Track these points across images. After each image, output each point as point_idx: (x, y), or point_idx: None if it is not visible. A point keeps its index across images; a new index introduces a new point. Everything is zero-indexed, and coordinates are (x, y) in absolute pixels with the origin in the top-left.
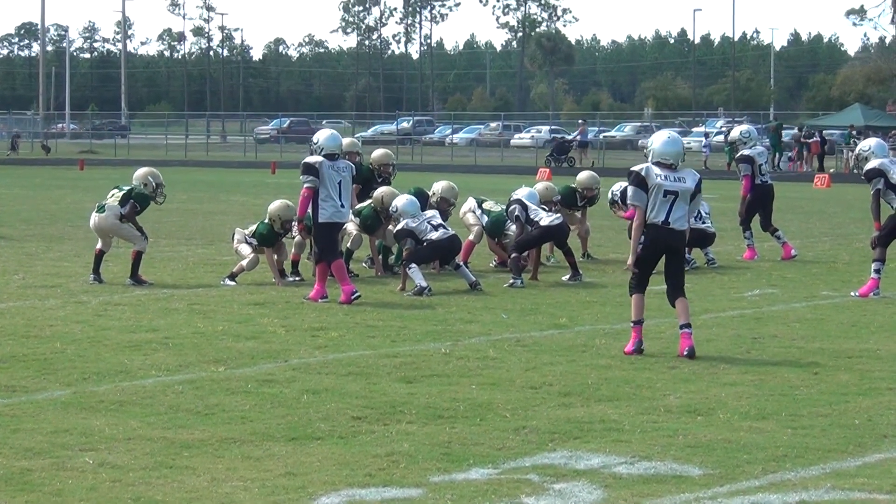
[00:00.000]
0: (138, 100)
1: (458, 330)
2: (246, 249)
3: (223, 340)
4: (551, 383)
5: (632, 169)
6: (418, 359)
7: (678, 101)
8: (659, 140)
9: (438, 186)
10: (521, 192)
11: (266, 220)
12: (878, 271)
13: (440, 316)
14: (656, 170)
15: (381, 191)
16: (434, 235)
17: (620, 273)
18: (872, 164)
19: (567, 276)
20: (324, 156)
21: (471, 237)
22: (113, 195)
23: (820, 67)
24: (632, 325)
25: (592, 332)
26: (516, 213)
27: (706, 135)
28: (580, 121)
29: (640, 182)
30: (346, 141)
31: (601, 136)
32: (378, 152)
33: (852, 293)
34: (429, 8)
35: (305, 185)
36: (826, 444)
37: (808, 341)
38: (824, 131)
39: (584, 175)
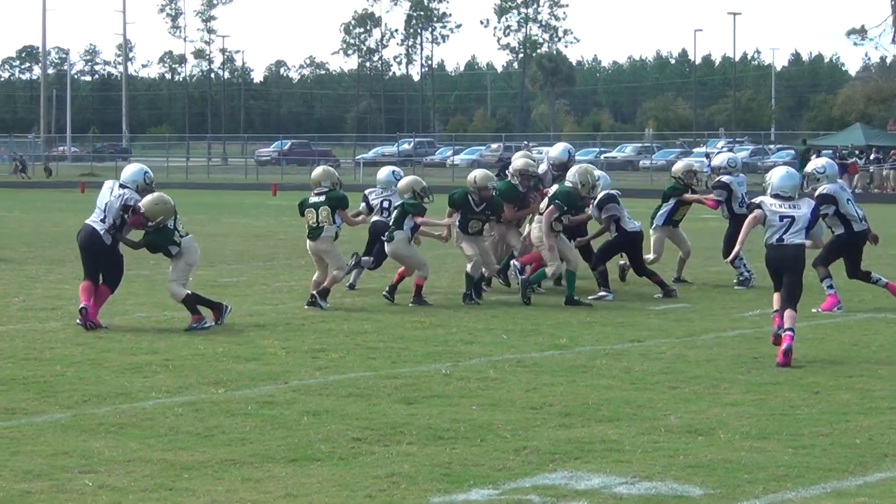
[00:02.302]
0: (139, 122)
1: (458, 351)
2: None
3: (223, 362)
4: (552, 404)
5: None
6: (419, 380)
7: (679, 121)
8: (777, 175)
9: (472, 176)
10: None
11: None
12: (830, 286)
13: (440, 337)
14: (772, 200)
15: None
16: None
17: (621, 294)
18: (826, 189)
19: (659, 294)
20: None
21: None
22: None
23: (821, 87)
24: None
25: (593, 352)
26: (612, 212)
27: (707, 155)
28: (525, 143)
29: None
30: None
31: (602, 156)
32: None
33: (814, 310)
34: (430, 29)
35: None
36: (827, 463)
37: (809, 361)
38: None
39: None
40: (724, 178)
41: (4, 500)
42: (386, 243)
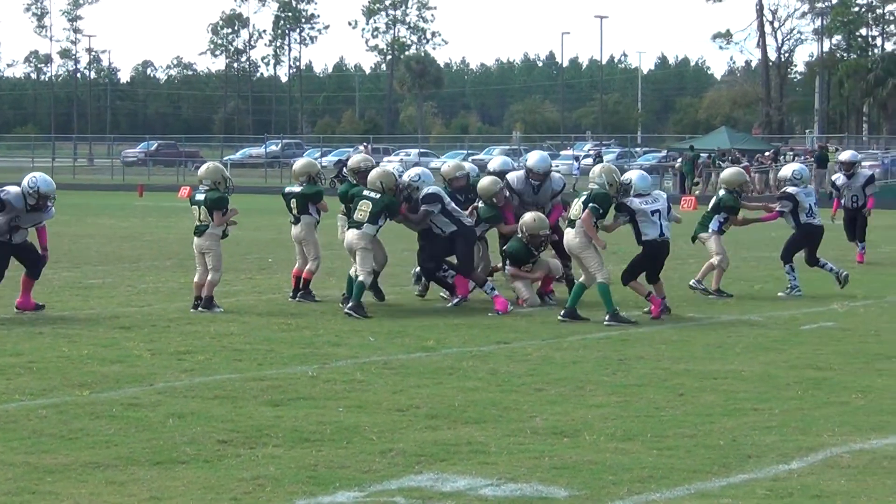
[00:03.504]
0: (4, 122)
1: (325, 353)
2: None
3: (88, 364)
4: (418, 406)
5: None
6: (285, 382)
7: (547, 124)
8: (636, 177)
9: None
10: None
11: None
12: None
13: (307, 339)
14: (638, 200)
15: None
16: None
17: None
18: (790, 190)
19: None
20: None
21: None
22: None
23: (687, 91)
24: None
25: (460, 354)
26: (787, 208)
27: (577, 158)
28: (364, 144)
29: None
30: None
31: (470, 159)
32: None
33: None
34: (298, 30)
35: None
36: (691, 464)
37: (674, 362)
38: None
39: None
40: (790, 190)
41: None
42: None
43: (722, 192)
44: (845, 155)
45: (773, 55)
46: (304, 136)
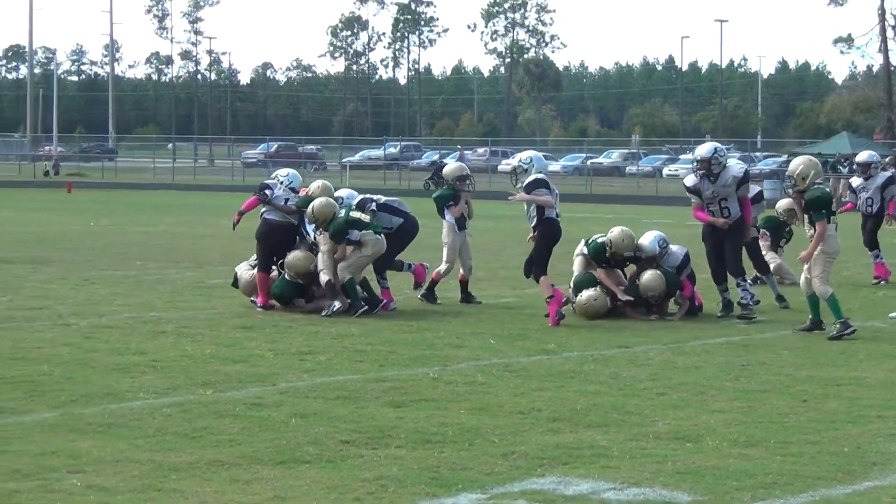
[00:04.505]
0: (126, 123)
1: (446, 355)
2: None
3: (211, 364)
4: (540, 409)
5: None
6: (406, 383)
7: (666, 127)
8: (536, 157)
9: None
10: None
11: None
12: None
13: (428, 341)
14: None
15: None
16: None
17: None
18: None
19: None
20: None
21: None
22: None
23: (807, 95)
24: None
25: (581, 358)
26: None
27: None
28: (458, 146)
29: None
30: None
31: (588, 162)
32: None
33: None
34: (417, 33)
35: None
36: (815, 471)
37: (797, 369)
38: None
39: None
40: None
41: None
42: None
43: None
44: (862, 156)
45: (895, 60)
46: (423, 138)
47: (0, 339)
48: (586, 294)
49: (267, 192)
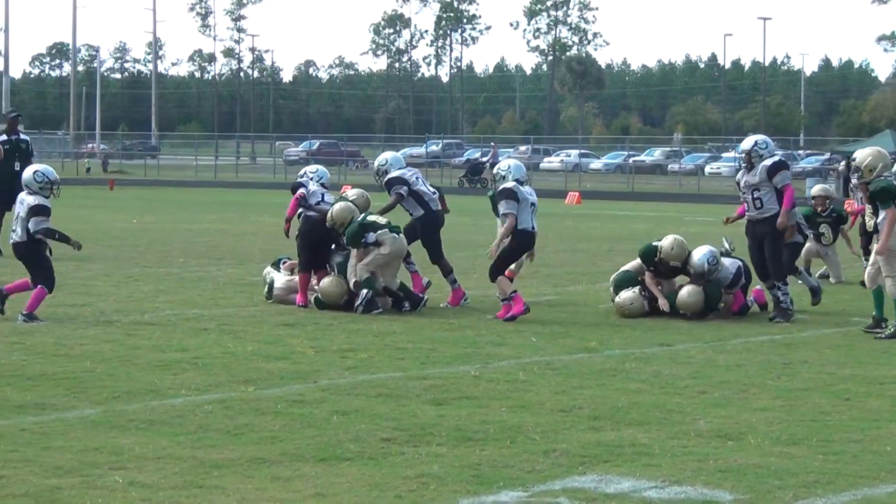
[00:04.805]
0: (168, 120)
1: (487, 353)
2: None
3: (252, 361)
4: (581, 407)
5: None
6: (448, 381)
7: (708, 125)
8: (514, 165)
9: None
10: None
11: None
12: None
13: (469, 339)
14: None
15: None
16: None
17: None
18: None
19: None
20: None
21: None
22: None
23: (850, 93)
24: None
25: (622, 356)
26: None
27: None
28: (492, 143)
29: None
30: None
31: (630, 160)
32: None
33: None
34: (459, 31)
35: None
36: (857, 470)
37: (839, 367)
38: None
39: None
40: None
41: (35, 494)
42: None
43: None
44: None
45: None
46: (465, 136)
47: (42, 335)
48: (624, 295)
49: (302, 190)
